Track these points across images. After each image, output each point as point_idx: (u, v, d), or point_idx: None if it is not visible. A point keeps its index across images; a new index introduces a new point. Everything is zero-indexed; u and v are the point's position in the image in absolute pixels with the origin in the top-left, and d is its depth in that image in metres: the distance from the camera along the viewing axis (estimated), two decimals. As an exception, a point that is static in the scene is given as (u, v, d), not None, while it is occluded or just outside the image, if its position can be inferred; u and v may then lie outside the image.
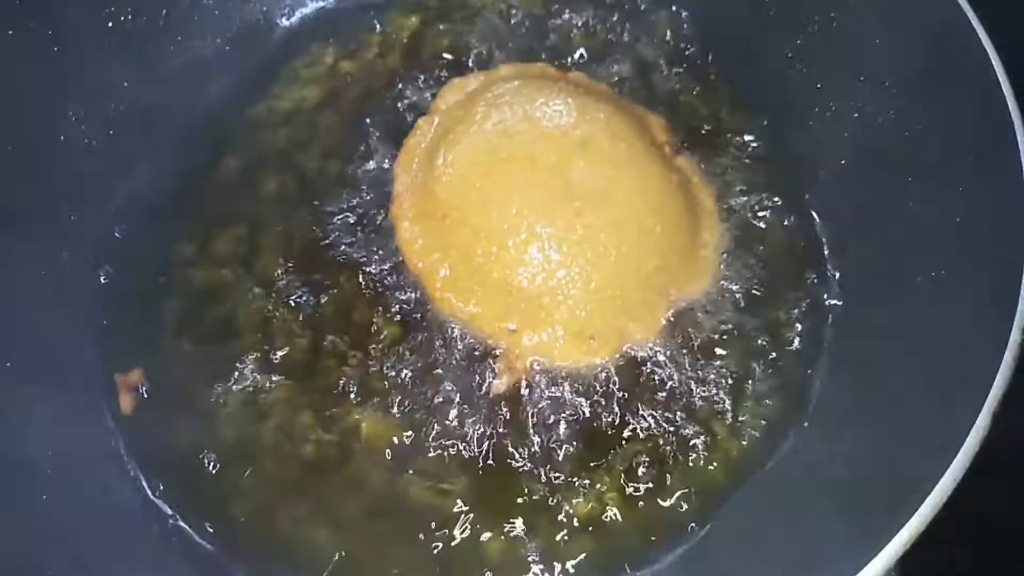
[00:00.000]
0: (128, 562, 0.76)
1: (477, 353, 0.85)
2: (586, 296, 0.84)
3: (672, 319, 0.86)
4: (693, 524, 0.78)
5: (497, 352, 0.84)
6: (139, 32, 1.00)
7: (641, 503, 0.78)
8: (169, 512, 0.80)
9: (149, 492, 0.81)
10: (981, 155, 0.76)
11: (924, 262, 0.78)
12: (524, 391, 0.83)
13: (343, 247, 0.91)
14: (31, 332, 0.84)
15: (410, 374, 0.84)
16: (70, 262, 0.91)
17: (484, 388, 0.83)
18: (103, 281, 0.92)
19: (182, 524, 0.79)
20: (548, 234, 0.84)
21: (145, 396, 0.85)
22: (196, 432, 0.83)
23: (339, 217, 0.93)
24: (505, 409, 0.82)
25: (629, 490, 0.79)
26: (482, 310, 0.85)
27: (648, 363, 0.84)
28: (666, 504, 0.78)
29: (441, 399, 0.82)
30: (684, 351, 0.85)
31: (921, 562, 0.79)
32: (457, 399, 0.82)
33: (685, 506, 0.78)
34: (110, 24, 0.97)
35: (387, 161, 0.97)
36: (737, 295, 0.88)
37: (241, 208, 0.96)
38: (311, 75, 1.06)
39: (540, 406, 0.82)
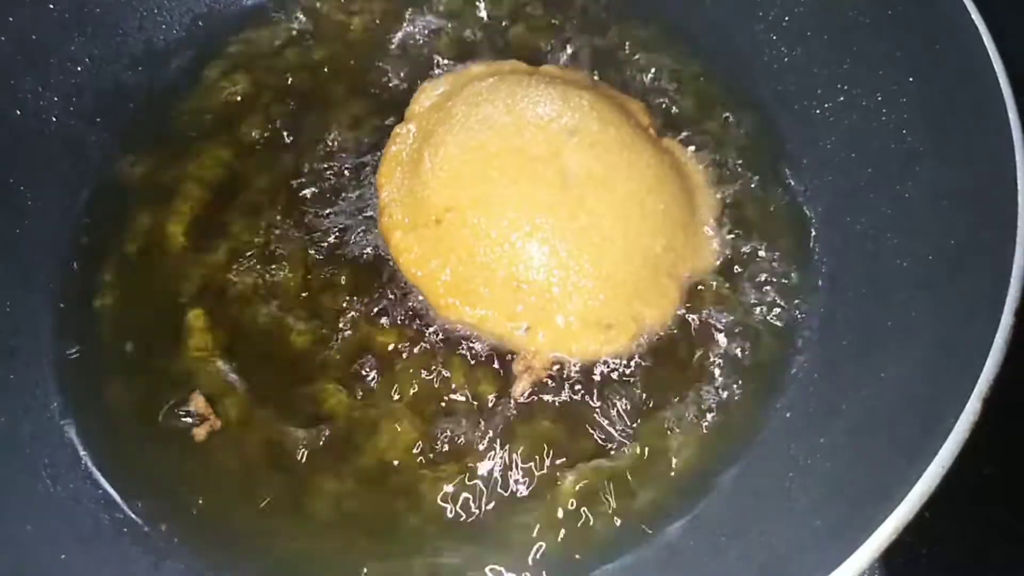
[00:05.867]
0: (76, 552, 0.72)
1: (492, 357, 0.82)
2: (598, 285, 0.82)
3: (685, 300, 0.85)
4: (671, 515, 0.76)
5: (512, 353, 0.82)
6: (102, 5, 0.97)
7: (616, 497, 0.76)
8: (121, 501, 0.77)
9: (102, 481, 0.78)
10: (970, 138, 0.75)
11: (913, 245, 0.76)
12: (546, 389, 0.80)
13: (330, 257, 0.88)
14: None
15: (424, 385, 0.81)
16: (27, 242, 0.88)
17: (505, 391, 0.80)
18: (61, 264, 0.89)
19: (132, 513, 0.76)
20: (551, 225, 0.81)
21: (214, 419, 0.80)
22: (150, 422, 0.80)
23: (324, 229, 0.90)
24: (528, 409, 0.79)
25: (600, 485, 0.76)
26: (491, 312, 0.82)
27: (657, 349, 0.83)
28: (640, 498, 0.76)
29: (461, 407, 0.80)
30: (691, 334, 0.84)
31: (907, 561, 0.78)
32: (477, 405, 0.80)
33: (662, 499, 0.76)
34: (70, -4, 0.94)
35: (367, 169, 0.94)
36: (734, 273, 0.88)
37: (214, 204, 0.92)
38: (279, 59, 1.03)
39: (563, 401, 0.80)
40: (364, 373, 0.81)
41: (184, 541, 0.75)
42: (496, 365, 0.82)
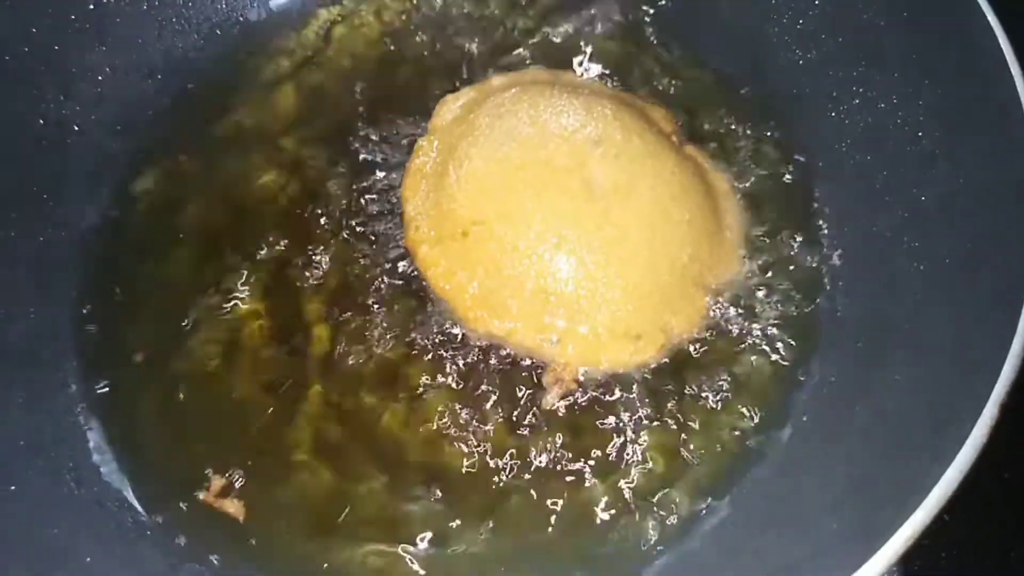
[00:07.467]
0: (100, 554, 0.73)
1: (521, 369, 0.82)
2: (626, 295, 0.81)
3: (710, 309, 0.85)
4: (687, 520, 0.75)
5: (542, 365, 0.82)
6: (122, 15, 0.98)
7: (639, 502, 0.76)
8: (142, 504, 0.78)
9: (123, 485, 0.79)
10: (986, 140, 0.74)
11: (928, 248, 0.76)
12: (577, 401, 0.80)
13: (357, 274, 0.88)
14: (5, 322, 0.83)
15: (455, 399, 0.81)
16: (50, 249, 0.89)
17: (535, 404, 0.80)
18: (83, 271, 0.90)
19: (156, 517, 0.77)
20: (578, 236, 0.81)
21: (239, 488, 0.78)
22: (171, 423, 0.81)
23: (348, 244, 0.90)
24: (560, 422, 0.79)
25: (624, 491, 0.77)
26: (520, 324, 0.82)
27: (683, 358, 0.83)
28: (658, 501, 0.76)
29: (492, 421, 0.79)
30: (706, 339, 0.84)
31: (925, 565, 0.77)
32: (509, 419, 0.80)
33: (679, 503, 0.76)
34: (91, 6, 0.95)
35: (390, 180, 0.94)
36: (748, 276, 0.87)
37: (234, 215, 0.93)
38: (300, 68, 1.03)
39: (595, 413, 0.80)
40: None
41: (200, 545, 0.75)
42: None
